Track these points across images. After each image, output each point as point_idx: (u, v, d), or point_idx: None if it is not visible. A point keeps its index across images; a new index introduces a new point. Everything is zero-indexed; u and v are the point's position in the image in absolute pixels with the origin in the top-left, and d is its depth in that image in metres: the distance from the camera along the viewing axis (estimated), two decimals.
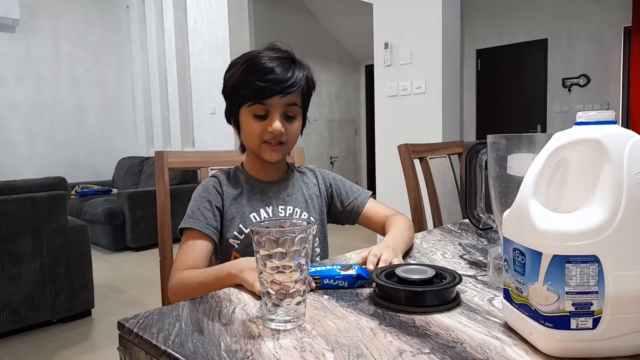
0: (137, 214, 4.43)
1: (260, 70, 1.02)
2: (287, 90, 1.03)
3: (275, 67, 1.02)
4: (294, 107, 1.07)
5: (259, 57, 1.04)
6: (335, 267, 0.83)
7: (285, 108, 1.06)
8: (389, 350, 0.57)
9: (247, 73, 1.03)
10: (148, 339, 0.62)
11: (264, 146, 1.07)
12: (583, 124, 0.58)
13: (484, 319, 0.66)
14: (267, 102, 1.03)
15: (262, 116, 1.05)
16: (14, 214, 2.38)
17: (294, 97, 1.06)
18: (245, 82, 1.03)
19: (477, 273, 0.89)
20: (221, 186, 1.11)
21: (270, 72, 1.01)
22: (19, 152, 5.38)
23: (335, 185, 1.23)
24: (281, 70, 1.02)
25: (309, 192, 1.19)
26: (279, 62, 1.03)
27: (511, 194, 0.76)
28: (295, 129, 1.10)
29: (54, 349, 2.35)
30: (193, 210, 1.07)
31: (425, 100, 3.52)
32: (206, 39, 5.21)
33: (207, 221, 1.05)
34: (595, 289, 0.52)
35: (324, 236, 1.20)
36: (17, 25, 5.22)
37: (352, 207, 1.21)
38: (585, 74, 5.94)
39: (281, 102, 1.04)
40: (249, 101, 1.04)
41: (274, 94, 1.02)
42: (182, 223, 1.06)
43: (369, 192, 1.24)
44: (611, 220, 0.52)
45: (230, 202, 1.10)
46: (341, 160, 7.97)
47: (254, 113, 1.05)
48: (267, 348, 0.59)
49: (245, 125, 1.08)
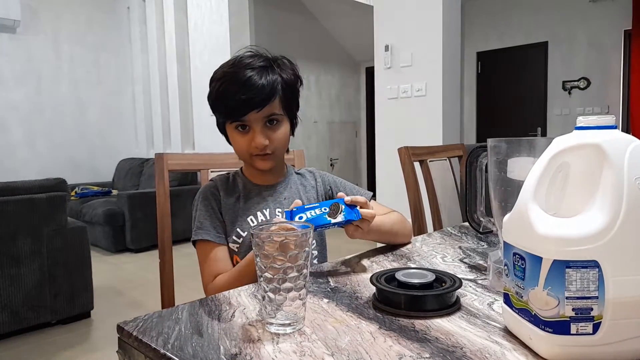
0: (137, 216, 4.43)
1: (233, 88, 1.00)
2: (261, 104, 1.01)
3: (246, 80, 1.00)
4: (275, 115, 1.06)
5: (231, 73, 1.02)
6: (324, 210, 0.91)
7: (265, 120, 1.05)
8: (388, 354, 0.57)
9: (222, 91, 1.03)
10: (147, 343, 0.62)
11: (254, 158, 1.08)
12: (583, 128, 0.58)
13: (484, 323, 0.66)
14: (244, 119, 1.03)
15: (244, 130, 1.06)
16: (14, 215, 2.37)
17: (271, 108, 1.04)
18: (222, 101, 1.04)
19: (477, 277, 0.88)
20: (219, 191, 1.13)
21: (242, 88, 0.99)
22: (19, 153, 5.37)
23: (336, 187, 1.23)
24: (253, 83, 1.00)
25: (307, 194, 1.18)
26: (252, 74, 1.01)
27: (511, 198, 0.76)
28: (281, 135, 1.08)
29: (53, 350, 2.35)
30: (201, 221, 1.09)
31: (425, 103, 3.52)
32: (207, 40, 5.21)
33: (216, 230, 1.09)
34: (595, 294, 0.52)
35: (321, 239, 1.20)
36: (17, 26, 5.22)
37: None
38: (586, 76, 5.94)
39: (259, 116, 1.03)
40: (228, 119, 1.06)
41: (248, 111, 1.01)
42: (195, 235, 1.09)
43: (369, 193, 1.23)
44: (611, 226, 0.52)
45: (228, 207, 1.11)
46: (341, 162, 7.96)
47: (235, 128, 1.06)
48: (266, 352, 0.58)
49: (232, 140, 1.10)
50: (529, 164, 0.73)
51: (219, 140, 1.18)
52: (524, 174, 0.61)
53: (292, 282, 0.64)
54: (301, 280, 0.65)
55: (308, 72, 7.18)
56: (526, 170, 0.61)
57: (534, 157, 0.76)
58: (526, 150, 0.78)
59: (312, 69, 7.28)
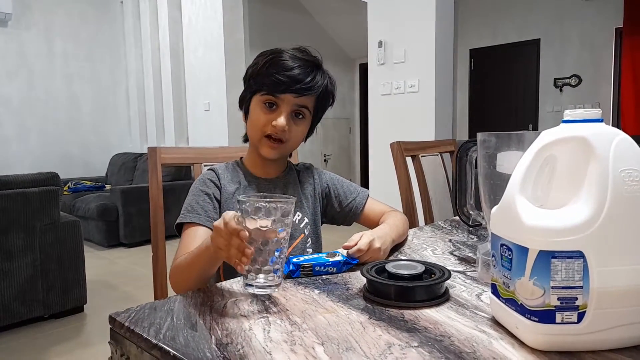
0: (131, 210, 4.41)
1: (282, 65, 1.03)
2: (302, 91, 1.03)
3: (296, 66, 1.03)
4: (304, 109, 1.07)
5: (284, 53, 1.05)
6: (323, 255, 0.91)
7: (295, 107, 1.06)
8: (378, 343, 0.58)
9: (269, 64, 1.04)
10: (139, 333, 0.63)
11: (264, 140, 1.07)
12: (570, 121, 0.59)
13: (472, 313, 0.67)
14: (279, 96, 1.04)
15: (271, 109, 1.06)
16: (6, 210, 2.36)
17: (306, 100, 1.06)
18: (265, 73, 1.04)
19: (466, 269, 0.90)
20: (219, 179, 1.11)
21: (290, 70, 1.02)
22: (11, 148, 5.34)
23: (333, 185, 1.23)
24: (301, 72, 1.03)
25: (304, 191, 1.18)
26: (302, 63, 1.04)
27: (500, 192, 0.77)
28: (299, 131, 1.09)
29: (45, 344, 2.35)
30: (192, 205, 1.05)
31: (418, 99, 3.53)
32: (201, 36, 5.20)
33: (207, 214, 1.04)
34: (580, 284, 0.53)
35: (317, 237, 1.20)
36: (9, 19, 5.18)
37: (351, 207, 1.21)
38: (577, 74, 5.98)
39: (292, 101, 1.04)
40: (262, 91, 1.05)
41: (288, 91, 1.03)
42: (182, 217, 1.04)
43: (367, 191, 1.24)
44: (596, 217, 0.53)
45: (227, 197, 1.10)
46: (335, 158, 7.97)
47: (264, 103, 1.06)
48: (257, 342, 0.59)
49: (252, 114, 1.09)
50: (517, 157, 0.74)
51: (213, 135, 1.18)
52: (512, 168, 0.62)
53: (273, 246, 0.72)
54: (283, 247, 0.73)
55: None
56: (515, 164, 0.62)
57: (522, 151, 0.77)
58: (515, 145, 0.79)
59: None
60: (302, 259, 0.89)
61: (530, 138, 0.74)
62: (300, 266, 0.86)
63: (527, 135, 0.76)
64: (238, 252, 0.71)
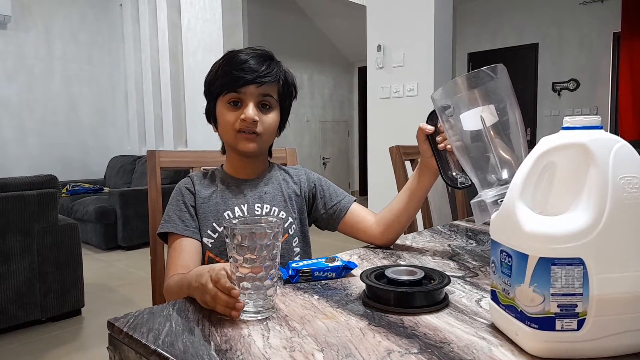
0: (129, 213, 4.41)
1: (236, 62, 1.05)
2: (261, 79, 1.04)
3: (250, 59, 1.05)
4: (269, 98, 1.08)
5: (236, 52, 1.08)
6: (322, 260, 0.90)
7: (260, 98, 1.07)
8: (377, 350, 0.58)
9: (224, 65, 1.07)
10: (138, 339, 0.62)
11: (239, 136, 1.07)
12: (570, 128, 0.59)
13: (471, 319, 0.67)
14: (241, 90, 1.05)
15: (236, 105, 1.07)
16: (4, 212, 2.36)
17: (268, 89, 1.07)
18: (222, 73, 1.06)
19: (465, 274, 0.90)
20: (194, 185, 1.12)
21: (245, 62, 1.04)
22: (9, 150, 5.33)
23: (320, 185, 1.22)
24: (256, 62, 1.05)
25: (288, 190, 1.17)
26: (255, 55, 1.07)
27: (474, 148, 0.83)
28: (270, 120, 1.09)
29: (43, 348, 2.34)
30: (170, 215, 1.08)
31: (417, 103, 3.53)
32: (200, 39, 5.20)
33: (184, 223, 1.06)
34: (580, 291, 0.53)
35: (304, 236, 1.18)
36: (8, 21, 5.17)
37: (335, 210, 1.18)
38: (575, 78, 5.99)
39: (255, 92, 1.05)
40: (224, 91, 1.06)
41: (248, 83, 1.04)
42: (160, 227, 1.07)
43: (352, 197, 1.22)
44: (596, 224, 0.53)
45: (203, 201, 1.10)
46: (334, 161, 7.98)
47: (228, 102, 1.07)
48: (256, 348, 0.59)
49: (220, 117, 1.09)
50: (477, 113, 0.81)
51: (212, 138, 1.18)
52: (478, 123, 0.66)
53: (266, 272, 0.69)
54: (273, 272, 0.70)
55: (301, 71, 7.19)
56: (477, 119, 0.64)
57: (479, 106, 0.82)
58: (472, 103, 0.83)
59: (305, 68, 7.28)
60: (301, 264, 0.88)
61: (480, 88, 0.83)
62: (299, 271, 0.86)
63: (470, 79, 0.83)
64: (227, 309, 0.68)
